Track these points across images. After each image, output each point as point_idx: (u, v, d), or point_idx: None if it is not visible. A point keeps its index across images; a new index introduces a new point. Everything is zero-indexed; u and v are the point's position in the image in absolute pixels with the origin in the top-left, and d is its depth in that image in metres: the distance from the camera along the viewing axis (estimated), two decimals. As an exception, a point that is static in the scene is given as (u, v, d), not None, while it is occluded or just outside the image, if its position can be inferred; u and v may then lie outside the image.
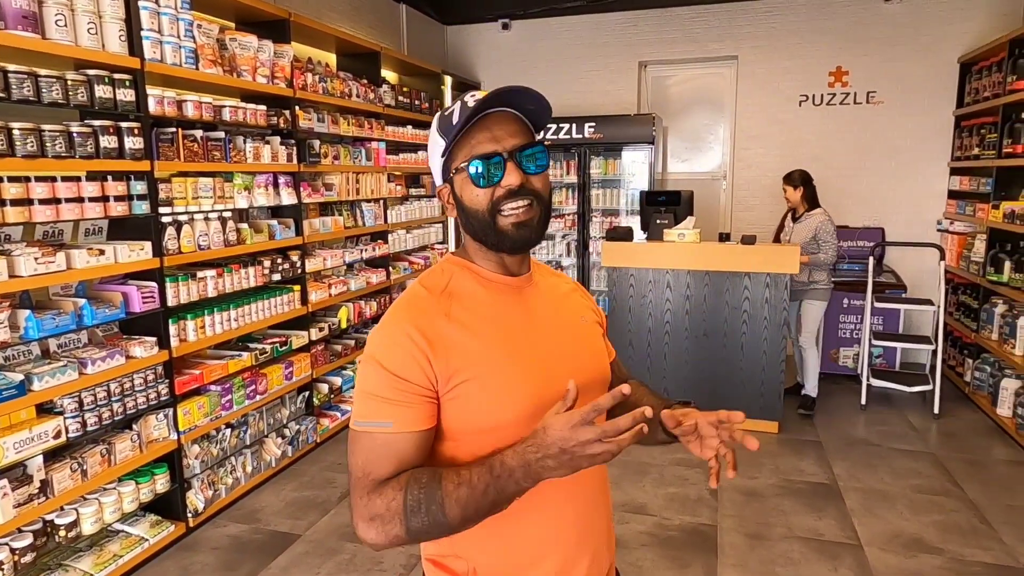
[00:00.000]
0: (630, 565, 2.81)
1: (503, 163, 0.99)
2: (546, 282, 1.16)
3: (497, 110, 1.02)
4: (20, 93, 2.23)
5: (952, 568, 2.77)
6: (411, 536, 0.93)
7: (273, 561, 2.86)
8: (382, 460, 0.96)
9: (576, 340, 1.11)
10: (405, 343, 0.97)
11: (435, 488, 0.91)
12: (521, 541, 1.03)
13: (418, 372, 0.96)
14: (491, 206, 1.00)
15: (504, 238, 1.01)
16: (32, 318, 2.31)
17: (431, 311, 1.01)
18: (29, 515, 2.33)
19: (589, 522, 1.08)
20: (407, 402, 0.96)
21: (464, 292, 1.04)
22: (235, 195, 3.26)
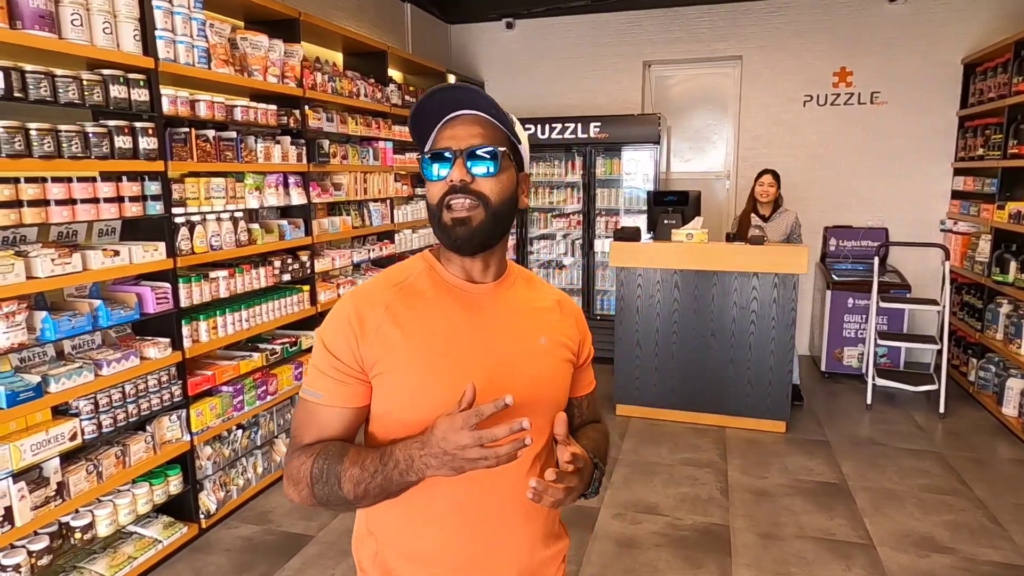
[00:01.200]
0: (644, 565, 2.81)
1: (452, 160, 1.01)
2: (518, 295, 1.12)
3: (466, 113, 1.04)
4: (37, 93, 2.22)
5: (964, 567, 2.78)
6: (319, 501, 1.00)
7: (287, 563, 2.86)
8: (308, 427, 1.05)
9: (520, 359, 1.07)
10: (343, 324, 1.03)
11: (336, 463, 0.98)
12: (418, 538, 1.06)
13: (348, 352, 1.02)
14: (439, 200, 1.02)
15: (445, 233, 1.03)
16: (49, 319, 2.30)
17: (375, 300, 1.05)
18: (46, 517, 2.32)
19: (495, 542, 1.06)
20: (336, 379, 1.03)
21: (415, 290, 1.07)
22: (246, 195, 3.25)
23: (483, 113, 1.04)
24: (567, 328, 1.16)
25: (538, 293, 1.17)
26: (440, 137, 1.04)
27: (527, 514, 1.08)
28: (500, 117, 1.03)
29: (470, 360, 1.03)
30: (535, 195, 5.99)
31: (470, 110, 1.04)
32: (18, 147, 2.16)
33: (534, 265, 6.10)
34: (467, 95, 1.02)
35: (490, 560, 1.06)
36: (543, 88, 6.28)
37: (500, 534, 1.06)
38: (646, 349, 4.40)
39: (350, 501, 0.98)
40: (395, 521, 1.06)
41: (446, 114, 1.04)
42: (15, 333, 2.17)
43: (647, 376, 4.42)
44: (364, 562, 1.12)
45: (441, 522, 1.04)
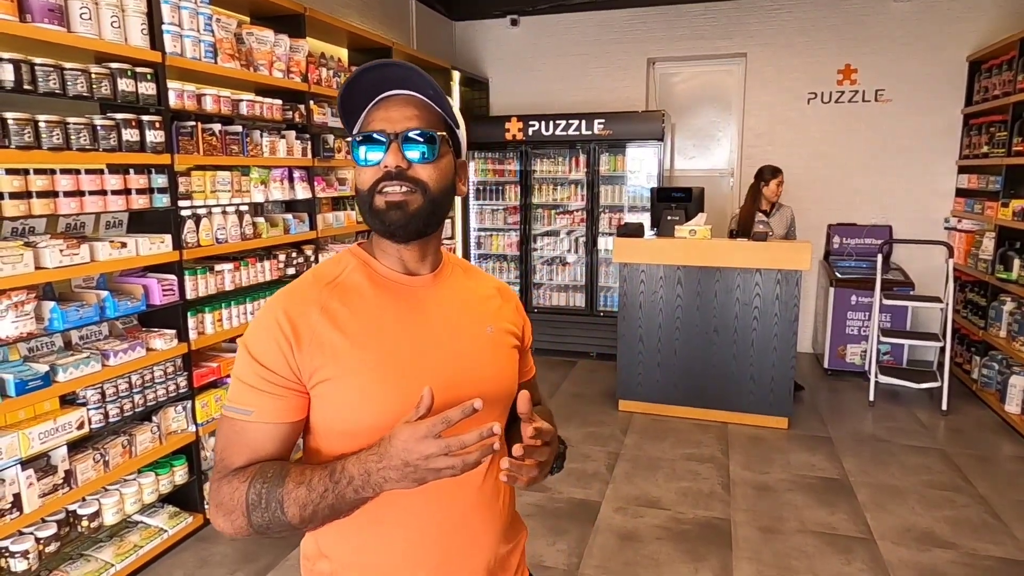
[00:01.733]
0: (646, 558, 2.83)
1: (387, 144, 0.95)
2: (457, 284, 1.08)
3: (403, 92, 0.98)
4: (47, 86, 2.24)
5: (965, 562, 2.79)
6: (255, 529, 0.90)
7: (291, 552, 2.88)
8: (237, 448, 0.94)
9: (469, 351, 1.02)
10: (272, 330, 0.94)
11: (277, 485, 0.88)
12: (380, 553, 0.98)
13: (281, 362, 0.93)
14: (371, 186, 0.96)
15: (378, 219, 0.96)
16: (57, 309, 2.32)
17: (308, 301, 0.97)
18: (53, 505, 2.35)
19: (460, 546, 1.01)
20: (269, 392, 0.93)
21: (350, 286, 1.00)
22: (252, 189, 3.27)
23: (419, 94, 0.98)
24: (509, 314, 1.13)
25: (478, 281, 1.12)
26: (372, 119, 0.97)
27: (489, 513, 1.04)
28: (438, 99, 0.98)
29: (420, 359, 0.97)
30: (539, 192, 6.00)
31: (405, 90, 0.98)
32: (27, 139, 2.19)
33: (538, 262, 6.12)
34: (403, 73, 0.96)
35: (456, 564, 1.01)
36: (547, 85, 6.29)
37: (464, 537, 1.02)
38: (649, 345, 4.41)
39: (294, 526, 0.89)
40: (351, 538, 0.98)
41: (379, 93, 0.98)
42: (24, 323, 2.20)
43: (650, 372, 4.43)
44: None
45: (402, 533, 0.98)
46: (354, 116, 1.00)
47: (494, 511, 1.05)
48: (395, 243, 1.00)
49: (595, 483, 3.49)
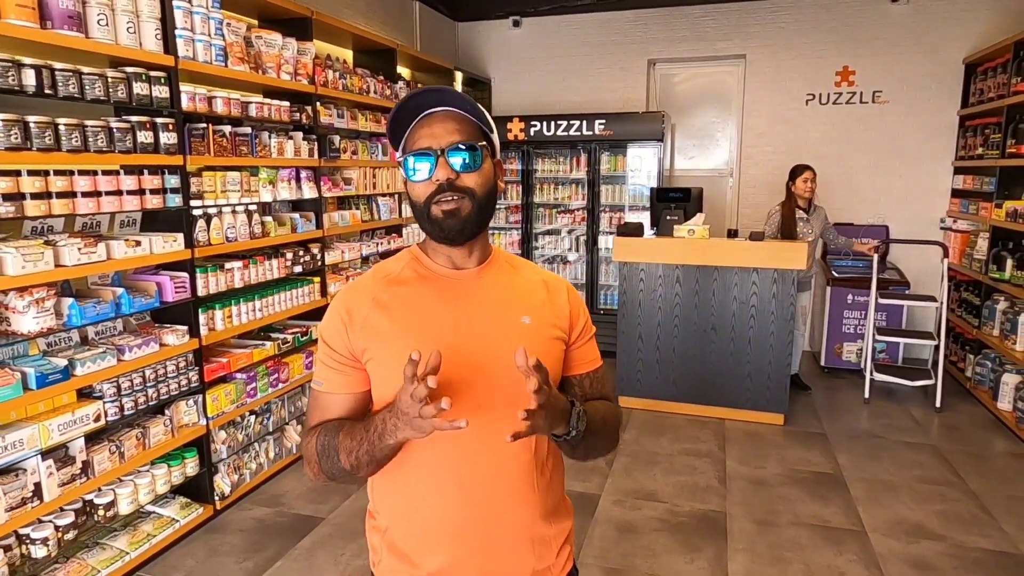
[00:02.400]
0: (643, 549, 2.92)
1: (434, 159, 1.05)
2: (501, 278, 1.17)
3: (442, 109, 1.08)
4: (66, 90, 2.32)
5: (953, 553, 2.87)
6: (327, 475, 1.11)
7: (299, 543, 2.97)
8: (314, 412, 1.16)
9: (501, 337, 1.10)
10: (335, 318, 1.13)
11: (333, 437, 1.07)
12: (419, 516, 1.11)
13: (340, 343, 1.11)
14: (426, 199, 1.07)
15: (436, 226, 1.08)
16: (75, 306, 2.41)
17: (364, 293, 1.13)
18: (71, 494, 2.43)
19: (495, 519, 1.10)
20: (333, 368, 1.12)
21: (402, 279, 1.15)
22: (260, 189, 3.36)
23: (456, 108, 1.08)
24: (555, 307, 1.18)
25: (523, 275, 1.21)
26: (417, 136, 1.07)
27: (525, 485, 1.11)
28: (473, 111, 1.08)
29: (453, 341, 1.07)
30: (540, 191, 6.08)
31: (443, 107, 1.08)
32: (48, 141, 2.27)
33: (539, 260, 6.19)
34: (439, 96, 1.08)
35: (492, 531, 1.10)
36: (549, 86, 6.37)
37: (500, 505, 1.10)
38: (648, 342, 4.49)
39: (348, 471, 1.07)
40: (397, 500, 1.13)
41: (420, 112, 1.08)
42: (45, 318, 2.28)
43: (649, 369, 4.51)
44: (375, 542, 1.19)
45: (440, 497, 1.09)
46: (399, 134, 1.11)
47: (532, 493, 1.12)
48: (451, 246, 1.12)
49: (594, 477, 3.58)
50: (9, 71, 2.15)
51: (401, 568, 1.13)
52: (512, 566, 1.12)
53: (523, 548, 1.13)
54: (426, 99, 1.08)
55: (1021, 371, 4.21)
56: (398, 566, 1.14)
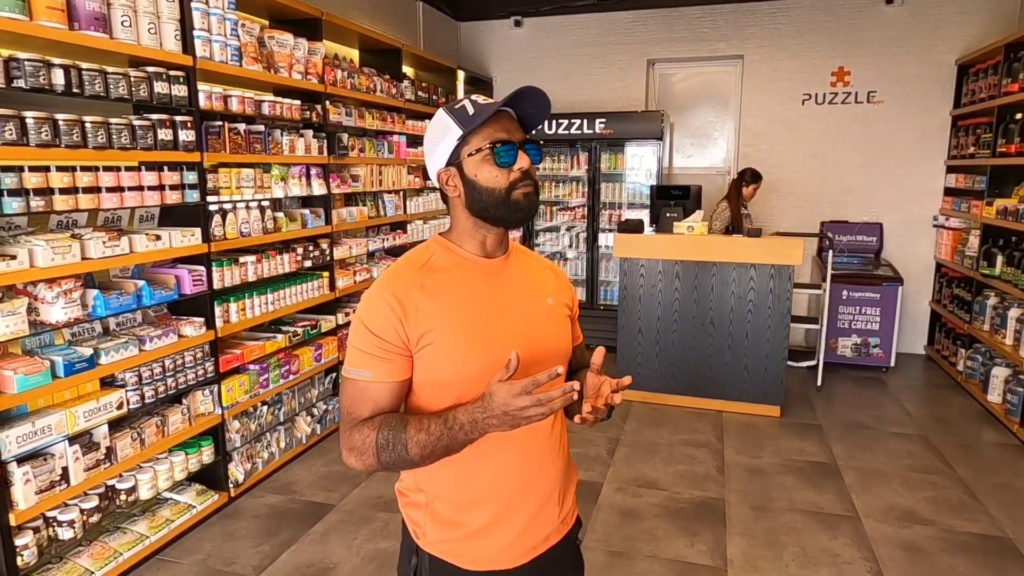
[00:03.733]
0: (644, 533, 3.02)
1: (516, 150, 1.18)
2: (522, 264, 1.31)
3: (503, 110, 1.20)
4: (92, 89, 2.41)
5: (942, 537, 2.99)
6: (382, 466, 1.14)
7: (311, 528, 3.06)
8: (362, 403, 1.16)
9: (535, 318, 1.25)
10: (384, 308, 1.15)
11: (401, 431, 1.11)
12: (469, 484, 1.21)
13: (392, 333, 1.14)
14: (509, 184, 1.17)
15: (515, 208, 1.18)
16: (100, 297, 2.50)
17: (408, 282, 1.18)
18: (96, 479, 2.53)
19: (531, 477, 1.24)
20: (383, 357, 1.15)
21: (439, 267, 1.21)
22: (272, 185, 3.45)
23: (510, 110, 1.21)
24: (563, 289, 1.36)
25: (535, 261, 1.36)
26: (494, 129, 1.17)
27: (553, 454, 1.28)
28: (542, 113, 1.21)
29: (497, 323, 1.19)
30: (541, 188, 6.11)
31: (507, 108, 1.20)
32: (75, 138, 2.36)
33: (540, 256, 6.29)
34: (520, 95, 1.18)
35: (530, 494, 1.24)
36: (550, 85, 6.44)
37: (536, 471, 1.25)
38: (648, 336, 4.60)
39: (415, 462, 1.12)
40: (446, 474, 1.21)
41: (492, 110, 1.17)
42: (72, 309, 2.38)
43: (649, 362, 4.62)
44: (416, 517, 1.26)
45: (488, 468, 1.20)
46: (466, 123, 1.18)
47: (557, 453, 1.29)
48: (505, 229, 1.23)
49: (597, 466, 3.68)
50: (40, 71, 2.24)
51: (448, 533, 1.23)
52: (546, 515, 1.28)
53: (552, 499, 1.28)
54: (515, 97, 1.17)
55: (1010, 364, 4.33)
56: (445, 532, 1.23)
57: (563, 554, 1.32)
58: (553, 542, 1.29)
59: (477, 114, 1.16)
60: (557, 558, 1.30)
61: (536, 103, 1.20)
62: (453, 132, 1.18)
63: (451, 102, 1.23)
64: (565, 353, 1.31)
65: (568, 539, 1.34)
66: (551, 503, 1.28)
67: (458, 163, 1.20)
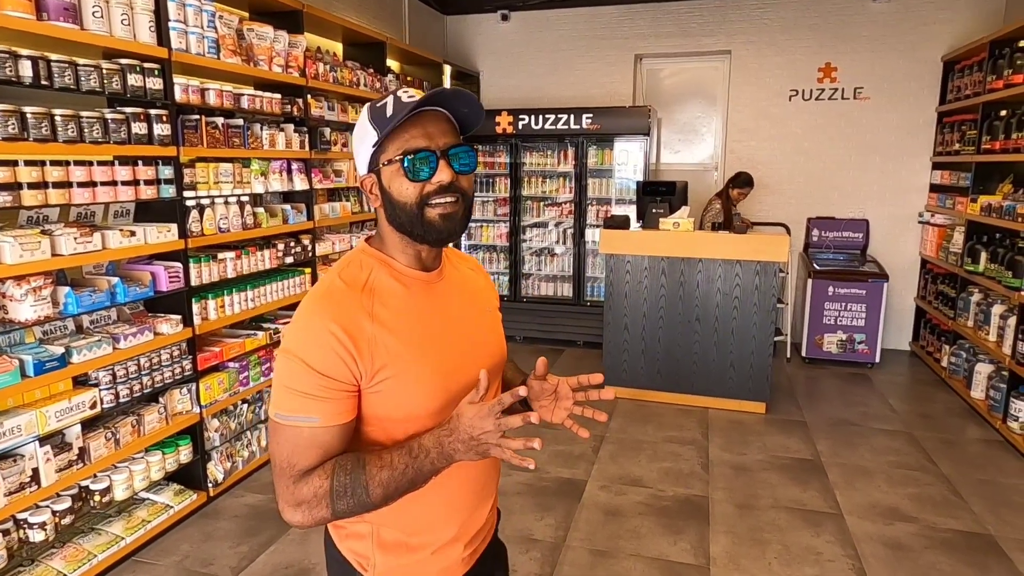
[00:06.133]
0: (628, 531, 3.01)
1: (436, 160, 1.02)
2: (457, 271, 1.21)
3: (431, 109, 1.04)
4: (62, 81, 2.35)
5: (925, 534, 2.99)
6: (336, 516, 1.00)
7: (291, 528, 3.03)
8: (308, 451, 1.00)
9: (482, 330, 1.18)
10: (329, 340, 0.99)
11: (360, 473, 0.98)
12: (425, 505, 1.10)
13: (343, 370, 0.99)
14: (420, 199, 1.02)
15: (430, 229, 1.04)
16: (72, 295, 2.44)
17: (354, 309, 1.02)
18: (68, 480, 2.47)
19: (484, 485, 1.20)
20: (332, 398, 1.00)
21: (383, 289, 1.07)
22: (252, 180, 3.39)
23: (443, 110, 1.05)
24: (490, 288, 1.30)
25: (465, 264, 1.27)
26: (411, 135, 1.02)
27: (494, 472, 1.25)
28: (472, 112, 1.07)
29: (452, 345, 1.10)
30: (528, 184, 6.14)
31: (435, 107, 1.05)
32: (44, 132, 2.30)
33: (526, 253, 6.26)
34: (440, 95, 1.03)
35: (475, 503, 1.19)
36: (537, 80, 6.42)
37: (483, 493, 1.21)
38: (634, 333, 4.58)
39: (377, 505, 1.00)
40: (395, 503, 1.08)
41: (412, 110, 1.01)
42: (42, 307, 2.32)
43: (634, 359, 4.60)
44: (359, 549, 1.14)
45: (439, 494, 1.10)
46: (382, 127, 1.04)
47: (494, 466, 1.26)
48: (435, 247, 1.10)
49: (581, 463, 3.67)
50: (6, 62, 2.18)
51: (403, 558, 1.13)
52: (488, 523, 1.26)
53: (491, 507, 1.27)
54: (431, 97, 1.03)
55: (994, 361, 4.35)
56: (399, 558, 1.13)
57: (492, 547, 1.31)
58: (487, 542, 1.28)
59: (394, 115, 1.01)
60: (488, 553, 1.28)
61: (466, 101, 1.05)
62: (371, 135, 1.05)
63: (376, 99, 1.08)
64: (504, 359, 1.26)
65: (495, 532, 1.34)
66: (489, 511, 1.26)
67: (377, 170, 1.06)
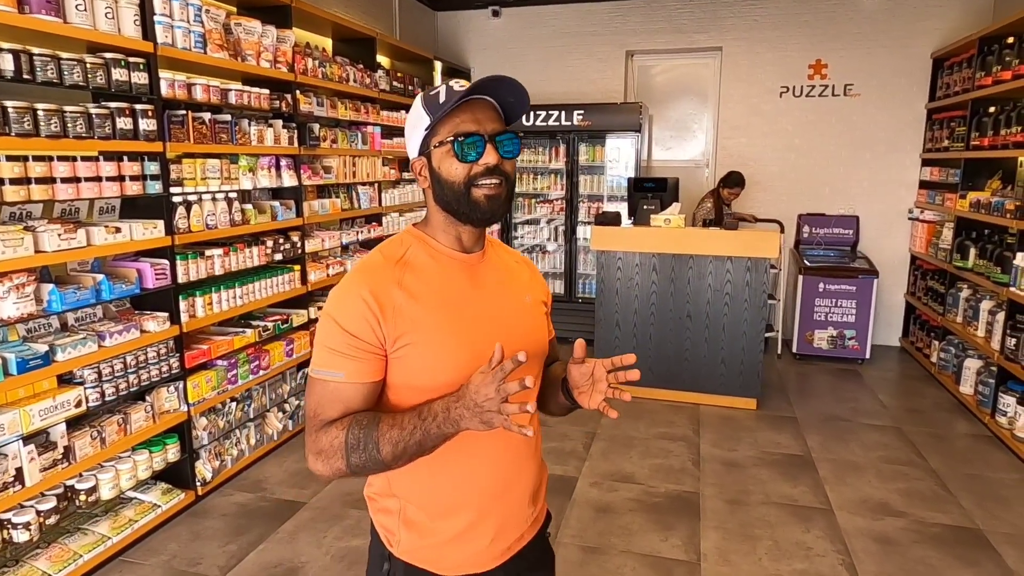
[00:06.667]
0: (619, 528, 3.00)
1: (483, 143, 1.11)
2: (499, 259, 1.27)
3: (479, 97, 1.13)
4: (44, 75, 2.32)
5: (914, 529, 3.00)
6: (351, 470, 1.07)
7: (281, 526, 3.00)
8: (332, 404, 1.10)
9: (515, 315, 1.22)
10: (359, 305, 1.09)
11: (372, 429, 1.05)
12: (444, 490, 1.17)
13: (368, 331, 1.08)
14: (467, 180, 1.10)
15: (475, 208, 1.12)
16: (56, 292, 2.41)
17: (385, 278, 1.12)
18: (53, 479, 2.44)
19: (507, 480, 1.21)
20: (357, 357, 1.09)
21: (417, 263, 1.15)
22: (240, 176, 3.36)
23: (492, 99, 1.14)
24: (537, 284, 1.33)
25: (511, 256, 1.32)
26: (461, 120, 1.11)
27: (529, 453, 1.25)
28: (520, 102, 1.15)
29: (477, 323, 1.15)
30: (520, 181, 6.13)
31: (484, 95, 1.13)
32: (27, 127, 2.27)
33: (518, 250, 6.23)
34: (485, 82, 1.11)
35: (505, 497, 1.21)
36: (528, 76, 6.39)
37: (512, 474, 1.22)
38: (625, 330, 4.58)
39: (386, 463, 1.05)
40: (421, 478, 1.16)
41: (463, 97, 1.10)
42: (25, 304, 2.29)
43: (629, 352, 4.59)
44: (387, 523, 1.21)
45: (461, 467, 1.16)
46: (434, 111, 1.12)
47: (532, 454, 1.27)
48: (474, 227, 1.17)
49: (572, 460, 3.66)
50: (-13, 56, 2.15)
51: (423, 540, 1.18)
52: (521, 516, 1.26)
53: (526, 500, 1.26)
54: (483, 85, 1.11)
55: (982, 356, 4.37)
56: (420, 539, 1.19)
57: (534, 550, 1.31)
58: (527, 540, 1.28)
59: (446, 102, 1.10)
60: (528, 555, 1.29)
61: (514, 91, 1.13)
62: (424, 120, 1.14)
63: (430, 87, 1.16)
64: (543, 350, 1.28)
65: (539, 535, 1.33)
66: (525, 504, 1.26)
67: (428, 153, 1.15)
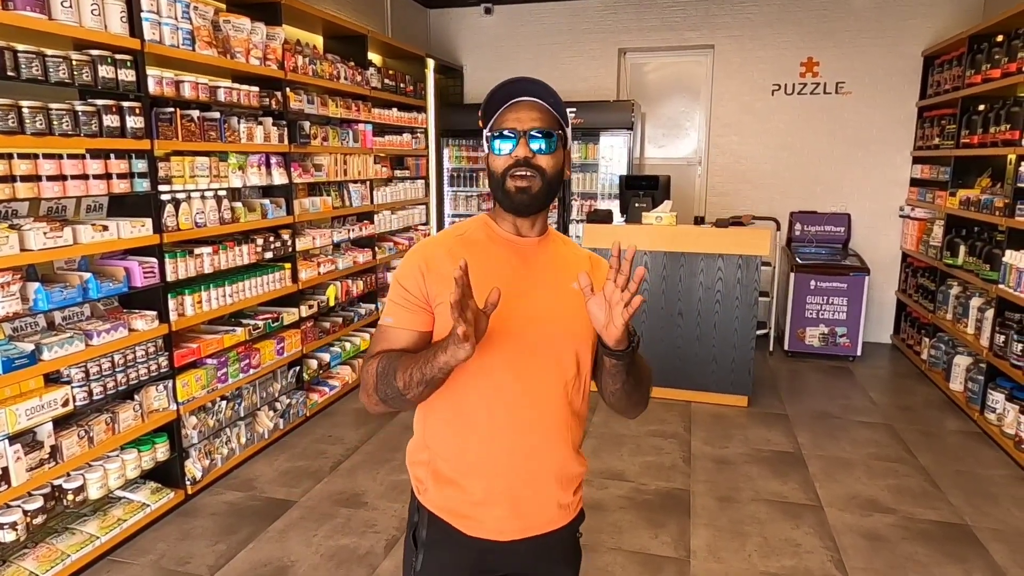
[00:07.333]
0: (610, 525, 3.00)
1: (516, 139, 1.22)
2: (556, 249, 1.35)
3: (528, 99, 1.24)
4: (29, 72, 2.30)
5: (903, 525, 3.02)
6: (381, 399, 1.21)
7: (271, 525, 3.00)
8: (380, 343, 1.27)
9: (556, 299, 1.27)
10: (413, 264, 1.26)
11: (395, 361, 1.18)
12: (464, 450, 1.27)
13: (415, 285, 1.24)
14: (504, 171, 1.23)
15: (507, 197, 1.24)
16: (42, 290, 2.40)
17: (439, 246, 1.29)
18: (40, 479, 2.43)
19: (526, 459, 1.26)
20: (405, 307, 1.25)
21: (471, 239, 1.30)
22: (229, 174, 3.35)
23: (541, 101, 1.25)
24: (598, 279, 1.30)
25: (572, 250, 1.40)
26: (504, 119, 1.24)
27: (559, 430, 1.28)
28: (556, 105, 1.25)
29: (520, 298, 1.23)
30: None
31: (531, 97, 1.25)
32: (11, 124, 2.25)
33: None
34: (529, 86, 1.25)
35: (521, 466, 1.26)
36: (521, 73, 6.34)
37: (532, 446, 1.26)
38: (617, 327, 4.57)
39: (401, 392, 1.16)
40: (445, 434, 1.28)
41: (510, 99, 1.25)
42: (10, 303, 2.27)
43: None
44: (419, 472, 1.33)
45: (479, 433, 1.25)
46: (489, 116, 1.27)
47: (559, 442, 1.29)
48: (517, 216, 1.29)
49: (564, 458, 3.66)
50: (-30, 52, 2.13)
51: (448, 493, 1.29)
52: (544, 499, 1.30)
53: (551, 484, 1.30)
54: (518, 87, 1.24)
55: (972, 353, 4.39)
56: (445, 492, 1.29)
57: (561, 542, 1.35)
58: (553, 527, 1.32)
59: (494, 100, 1.25)
60: (555, 545, 1.34)
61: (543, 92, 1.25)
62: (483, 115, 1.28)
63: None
64: (583, 337, 1.28)
65: (570, 528, 1.36)
66: (551, 484, 1.29)
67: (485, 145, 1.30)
